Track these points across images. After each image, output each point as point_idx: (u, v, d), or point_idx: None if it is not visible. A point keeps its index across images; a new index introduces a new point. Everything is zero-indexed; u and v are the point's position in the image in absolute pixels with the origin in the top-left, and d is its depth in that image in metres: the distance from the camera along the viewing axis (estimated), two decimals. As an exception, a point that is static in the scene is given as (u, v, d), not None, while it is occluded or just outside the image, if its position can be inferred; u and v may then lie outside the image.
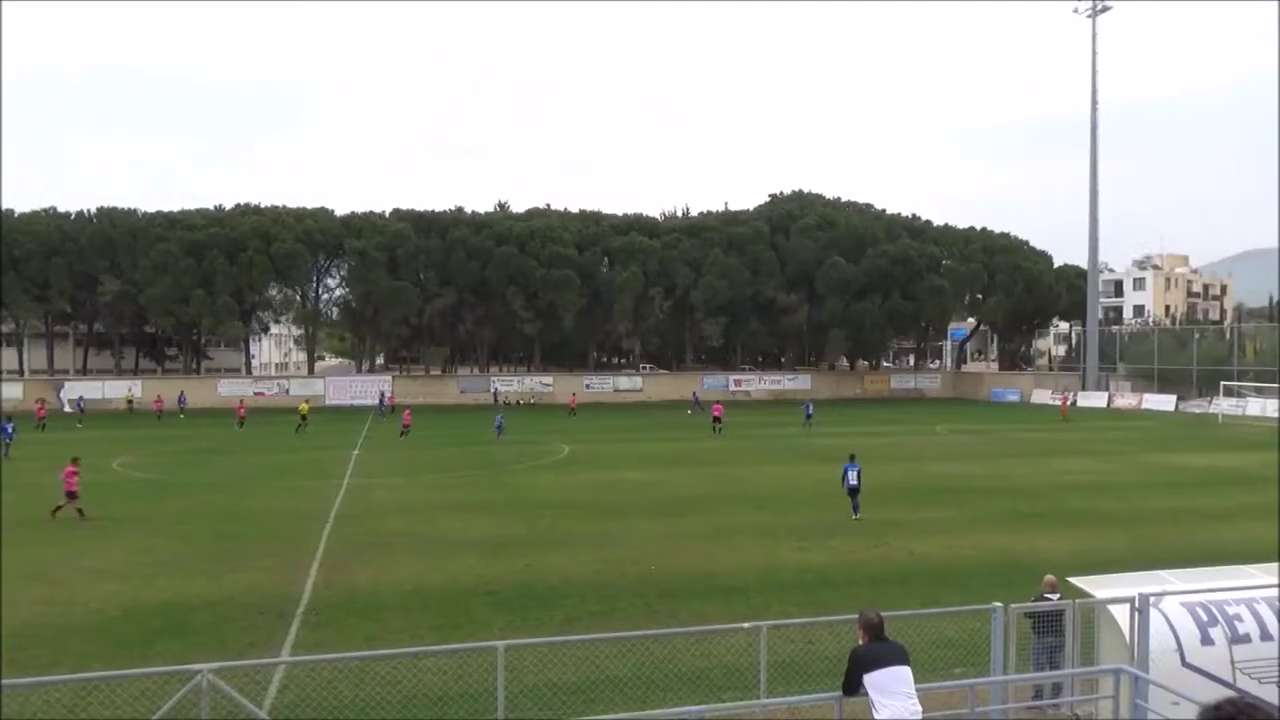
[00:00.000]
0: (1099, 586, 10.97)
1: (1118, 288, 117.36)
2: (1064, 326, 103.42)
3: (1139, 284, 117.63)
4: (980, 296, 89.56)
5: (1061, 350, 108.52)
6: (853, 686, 7.87)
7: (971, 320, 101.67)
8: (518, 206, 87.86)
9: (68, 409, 62.06)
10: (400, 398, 69.36)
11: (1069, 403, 61.28)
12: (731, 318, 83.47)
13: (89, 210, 77.00)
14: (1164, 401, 66.98)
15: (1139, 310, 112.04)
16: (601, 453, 40.26)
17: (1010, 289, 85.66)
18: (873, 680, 7.66)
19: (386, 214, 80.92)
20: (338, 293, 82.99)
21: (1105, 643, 10.54)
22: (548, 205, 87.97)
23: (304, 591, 17.28)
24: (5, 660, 13.51)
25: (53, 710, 11.25)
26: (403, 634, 14.73)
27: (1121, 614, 10.02)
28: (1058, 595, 11.63)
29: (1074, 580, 11.54)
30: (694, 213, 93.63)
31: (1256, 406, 59.46)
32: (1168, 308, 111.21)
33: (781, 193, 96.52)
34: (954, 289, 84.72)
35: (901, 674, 7.73)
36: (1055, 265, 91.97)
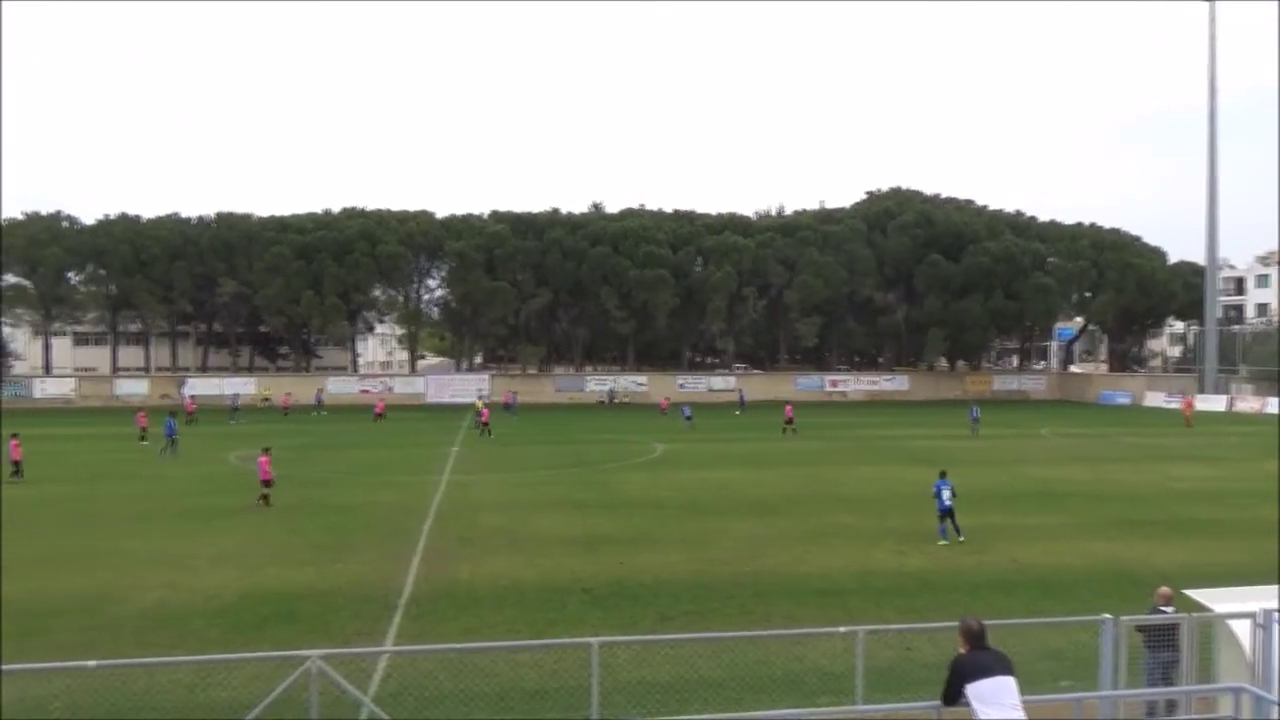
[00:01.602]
0: (1218, 600, 10.45)
1: (1239, 285, 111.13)
2: (1179, 326, 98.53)
3: (1262, 281, 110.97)
4: (1089, 295, 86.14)
5: (1176, 351, 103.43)
6: (953, 696, 7.68)
7: (1079, 320, 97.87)
8: (612, 207, 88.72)
9: (187, 402, 65.15)
10: (496, 396, 70.44)
11: (1192, 407, 58.02)
12: (827, 317, 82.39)
13: (208, 215, 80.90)
14: (1291, 406, 63.08)
15: (1262, 309, 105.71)
16: (694, 452, 40.26)
17: (1121, 287, 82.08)
18: (976, 690, 7.46)
19: (485, 215, 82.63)
20: (438, 293, 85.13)
21: (1224, 660, 10.04)
22: (642, 205, 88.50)
23: (406, 584, 17.82)
24: (136, 640, 14.38)
25: (176, 689, 11.91)
26: (499, 628, 15.05)
27: (1242, 630, 9.53)
28: (1173, 608, 11.12)
29: (1190, 593, 11.02)
30: (789, 211, 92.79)
31: (1395, 412, 55.48)
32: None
33: (879, 190, 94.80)
34: (1060, 287, 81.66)
35: (1006, 684, 7.50)
36: (1170, 262, 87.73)
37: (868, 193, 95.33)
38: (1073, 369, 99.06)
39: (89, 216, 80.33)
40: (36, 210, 79.06)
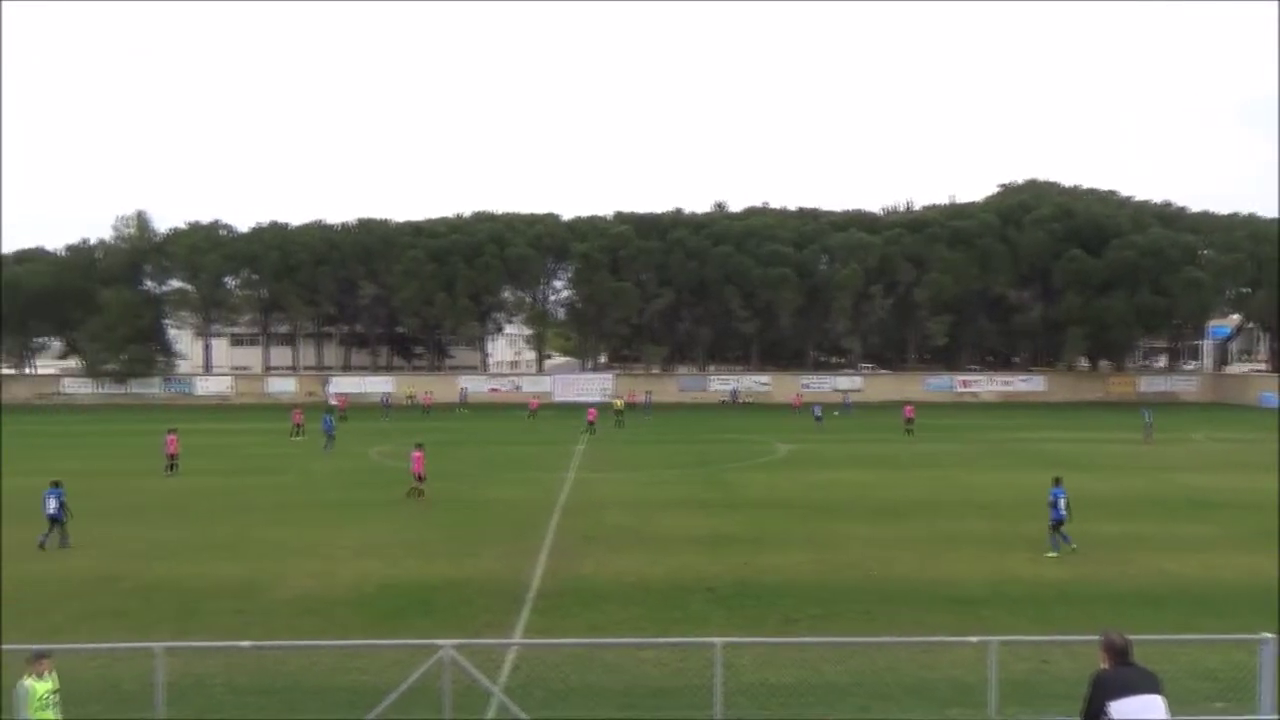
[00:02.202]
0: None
1: None
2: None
3: None
4: (1247, 290, 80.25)
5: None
6: (1094, 713, 7.34)
7: (1236, 316, 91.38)
8: (735, 206, 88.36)
9: (333, 401, 68.44)
10: (621, 395, 70.96)
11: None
12: (958, 315, 79.71)
13: (350, 221, 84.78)
14: None
15: None
16: (818, 453, 39.71)
17: (1284, 280, 76.01)
18: (1121, 708, 7.11)
19: (609, 217, 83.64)
20: (564, 294, 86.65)
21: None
22: (765, 204, 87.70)
23: (533, 578, 18.30)
24: (285, 625, 15.29)
25: (321, 672, 12.62)
26: (624, 625, 15.26)
27: None
28: (1342, 629, 10.31)
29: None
30: (917, 207, 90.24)
31: None
32: None
33: (1013, 182, 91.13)
34: (1214, 282, 76.36)
35: (1153, 703, 7.13)
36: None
37: (1001, 186, 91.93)
38: (1228, 369, 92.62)
39: (243, 225, 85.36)
40: (197, 220, 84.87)
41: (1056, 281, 76.40)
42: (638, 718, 11.25)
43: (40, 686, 8.94)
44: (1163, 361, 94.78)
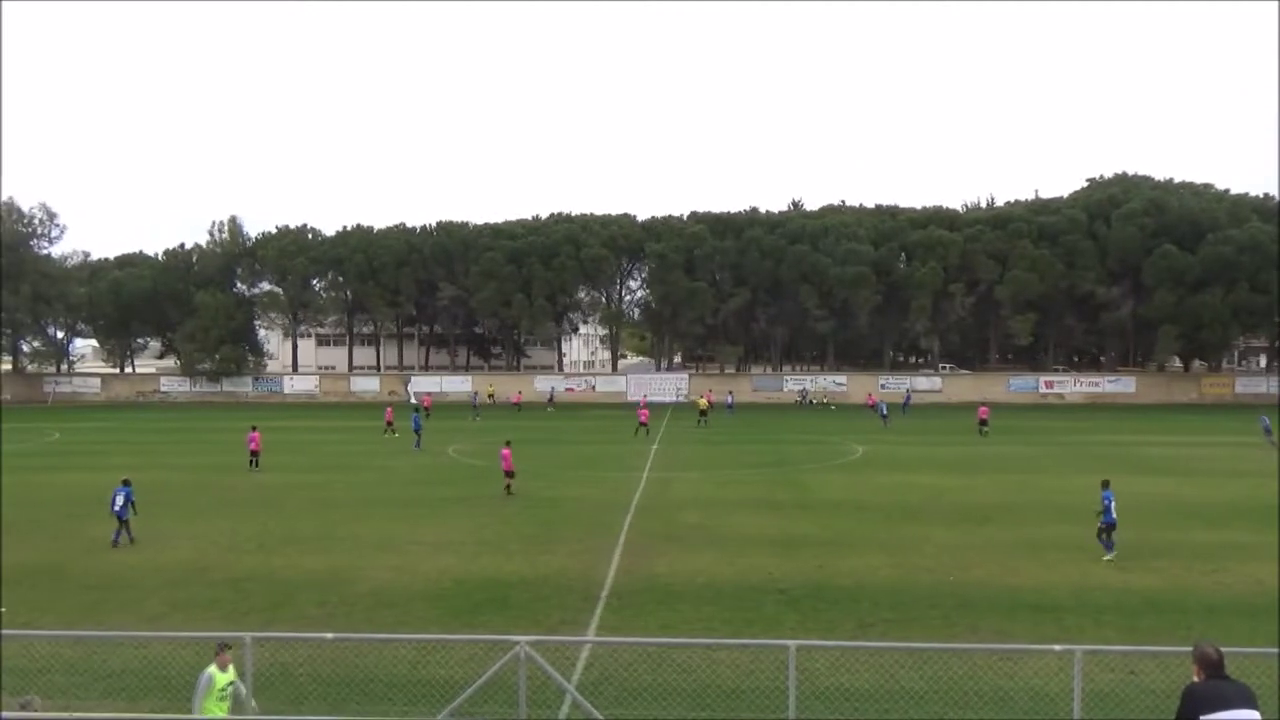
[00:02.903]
0: None
1: None
2: None
3: None
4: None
5: None
6: (1184, 727, 7.09)
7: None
8: (811, 204, 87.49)
9: (413, 399, 69.85)
10: (701, 394, 70.84)
11: None
12: (1042, 314, 77.40)
13: (430, 224, 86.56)
14: None
15: None
16: (896, 455, 39.02)
17: (1399, 276, 71.77)
18: (1212, 723, 6.86)
19: (684, 217, 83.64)
20: (639, 294, 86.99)
21: None
22: (842, 202, 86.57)
23: (607, 576, 18.42)
24: (365, 617, 15.72)
25: (400, 665, 12.94)
26: (696, 625, 15.26)
27: None
28: None
29: None
30: (999, 203, 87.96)
31: None
32: None
33: (1101, 176, 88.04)
34: (1318, 278, 72.42)
35: (1248, 718, 6.86)
36: None
37: (1089, 180, 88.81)
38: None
39: (329, 229, 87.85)
40: (286, 224, 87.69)
41: (1147, 278, 73.57)
42: (711, 718, 11.25)
43: (221, 678, 9.53)
44: (1261, 362, 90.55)
